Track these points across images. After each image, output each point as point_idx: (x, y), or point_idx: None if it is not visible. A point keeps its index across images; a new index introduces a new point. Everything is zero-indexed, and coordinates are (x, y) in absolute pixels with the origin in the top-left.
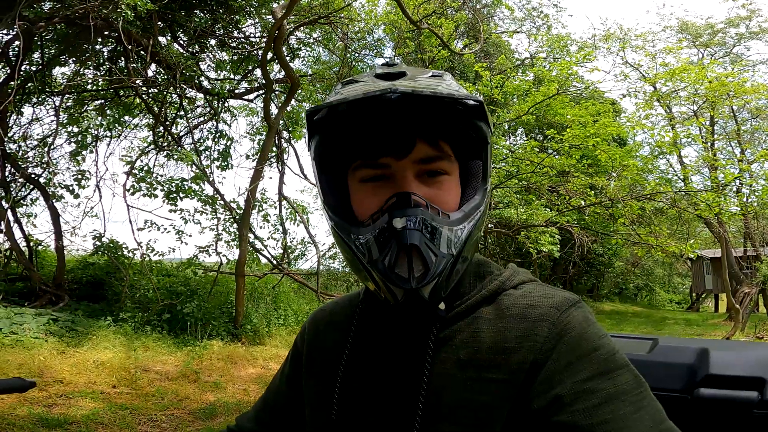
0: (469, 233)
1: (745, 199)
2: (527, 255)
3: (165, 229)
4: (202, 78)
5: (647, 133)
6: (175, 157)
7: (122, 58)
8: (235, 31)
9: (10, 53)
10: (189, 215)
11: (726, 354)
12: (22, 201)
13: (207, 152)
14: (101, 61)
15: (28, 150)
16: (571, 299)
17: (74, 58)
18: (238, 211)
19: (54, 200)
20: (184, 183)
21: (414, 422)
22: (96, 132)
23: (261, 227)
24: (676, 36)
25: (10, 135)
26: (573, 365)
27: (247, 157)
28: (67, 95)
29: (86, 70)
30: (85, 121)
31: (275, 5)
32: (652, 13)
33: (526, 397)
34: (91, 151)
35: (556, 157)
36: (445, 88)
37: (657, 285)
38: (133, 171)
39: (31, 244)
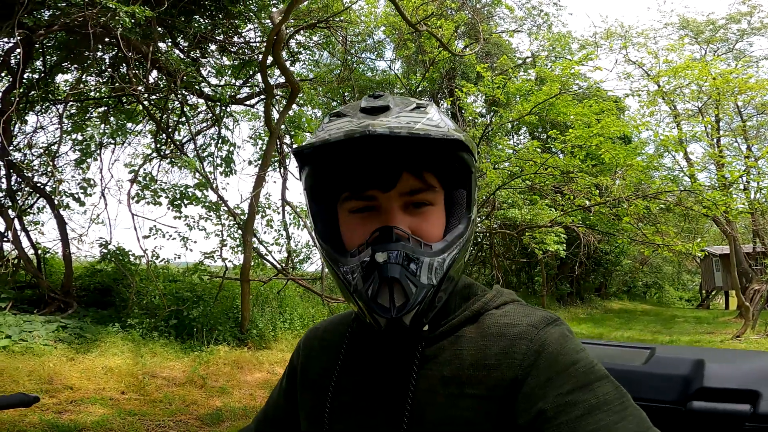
0: (451, 261)
1: (752, 196)
2: (533, 255)
3: (170, 235)
4: (203, 84)
5: (651, 131)
6: (178, 164)
7: (123, 65)
8: (235, 36)
9: (12, 62)
10: (194, 222)
11: (721, 366)
12: (29, 209)
13: (210, 158)
14: (103, 68)
15: (34, 158)
16: (548, 318)
17: (76, 66)
18: (241, 216)
19: (60, 208)
20: (188, 190)
21: None
22: (100, 139)
23: (265, 232)
24: (678, 33)
25: (15, 143)
26: (553, 380)
27: (250, 162)
28: (70, 103)
29: (88, 78)
30: (89, 129)
31: (274, 10)
32: (653, 10)
33: (510, 414)
34: (96, 159)
35: (560, 156)
36: (424, 124)
37: (666, 282)
38: (137, 178)
39: (39, 252)
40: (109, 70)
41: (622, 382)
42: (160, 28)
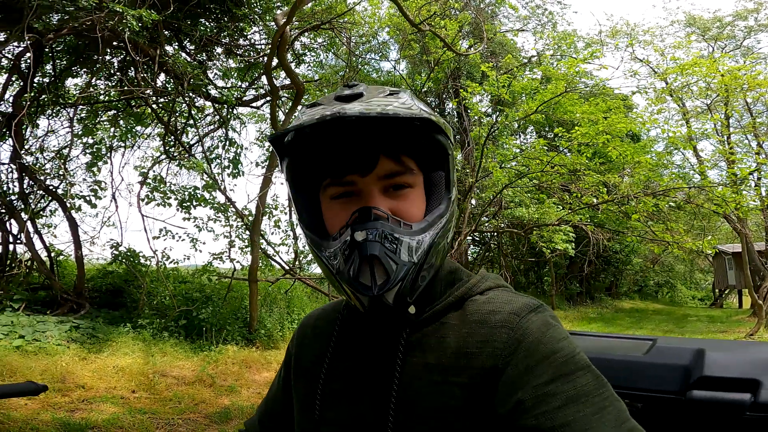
0: (432, 241)
1: (763, 193)
2: (541, 254)
3: (179, 237)
4: (210, 86)
5: (659, 128)
6: (187, 166)
7: (131, 69)
8: (241, 39)
9: (22, 66)
10: (202, 223)
11: (722, 355)
12: (41, 212)
13: (217, 160)
14: (112, 71)
15: (45, 162)
16: (530, 304)
17: (86, 69)
18: (249, 218)
19: (72, 211)
20: (197, 191)
21: (387, 423)
22: (110, 142)
23: (272, 233)
24: (684, 30)
25: (27, 147)
26: (532, 369)
27: (257, 164)
28: (80, 106)
29: (98, 81)
30: (99, 132)
31: (278, 12)
32: (659, 7)
33: (490, 402)
34: (106, 162)
35: (567, 155)
36: (395, 107)
37: (678, 281)
38: (147, 181)
39: (52, 254)
40: (117, 73)
41: (623, 373)
42: (166, 32)
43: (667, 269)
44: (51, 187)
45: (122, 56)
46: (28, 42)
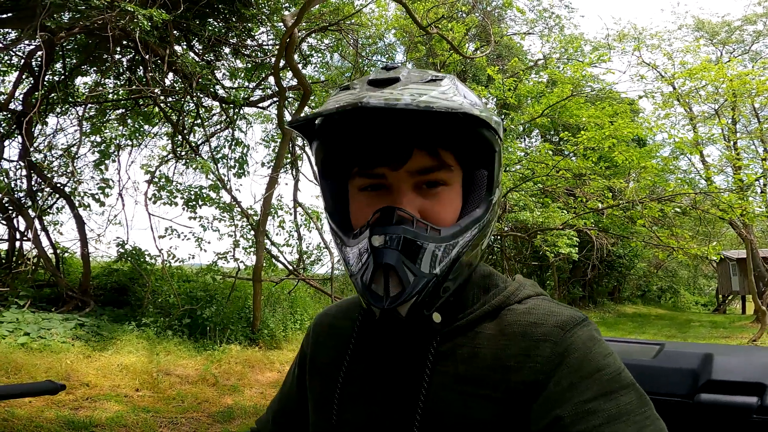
0: (462, 249)
1: None
2: (544, 258)
3: (185, 236)
4: (218, 86)
5: (666, 133)
6: (193, 165)
7: (140, 68)
8: (248, 39)
9: (33, 64)
10: (208, 222)
11: (729, 359)
12: (48, 210)
13: (224, 160)
14: (121, 70)
15: (54, 160)
16: (576, 318)
17: (95, 68)
18: (254, 218)
19: (79, 209)
20: (203, 191)
21: None
22: (118, 141)
23: (277, 234)
24: (693, 34)
25: (35, 145)
26: (575, 386)
27: (263, 164)
28: (89, 105)
29: (107, 80)
30: (108, 131)
31: (286, 13)
32: (667, 11)
33: (525, 418)
34: (114, 161)
35: (573, 159)
36: (432, 96)
37: (681, 287)
38: (154, 179)
39: (58, 251)
40: (126, 72)
41: (632, 376)
42: (175, 32)
43: (671, 274)
44: (59, 185)
45: (131, 55)
46: (40, 40)
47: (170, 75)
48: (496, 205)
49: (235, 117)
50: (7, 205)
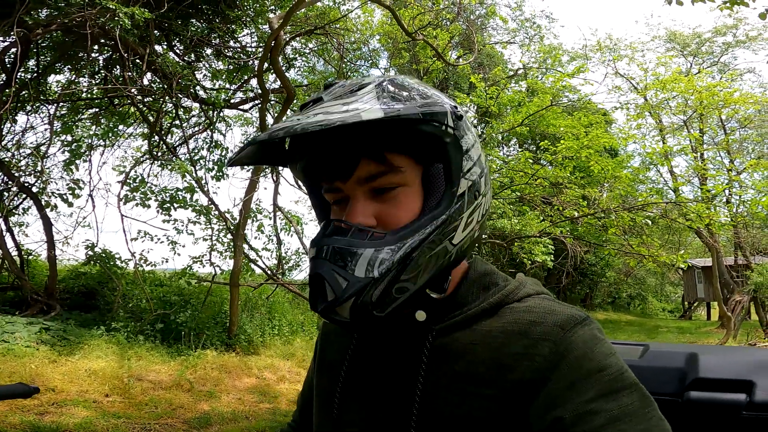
0: (411, 249)
1: (735, 210)
2: (521, 265)
3: (158, 239)
4: (198, 87)
5: (638, 144)
6: (170, 167)
7: (117, 67)
8: (231, 41)
9: (6, 60)
10: (183, 225)
11: (715, 358)
12: (14, 210)
13: (202, 162)
14: (96, 69)
15: (22, 158)
16: (576, 316)
17: (69, 66)
18: (232, 221)
19: (47, 209)
20: (179, 193)
21: (408, 431)
22: (90, 141)
23: (256, 238)
24: (665, 46)
25: (3, 143)
26: (576, 386)
27: (242, 167)
28: (61, 103)
29: (81, 79)
30: (80, 130)
31: (272, 16)
32: (641, 23)
33: (524, 418)
34: (85, 161)
35: (550, 168)
36: (344, 113)
37: (649, 294)
38: (127, 180)
39: (23, 253)
40: (102, 71)
41: None
42: (156, 31)
43: (639, 282)
44: (26, 184)
45: (108, 54)
46: (16, 37)
47: (149, 75)
48: (464, 196)
49: (215, 119)
50: None
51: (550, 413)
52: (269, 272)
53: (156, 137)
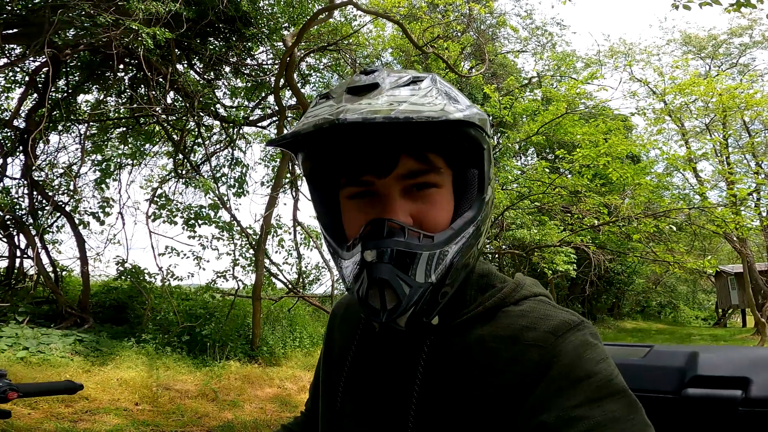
0: (458, 252)
1: (764, 213)
2: (543, 275)
3: (184, 254)
4: (218, 105)
5: (659, 150)
6: (194, 185)
7: (142, 86)
8: (248, 59)
9: (37, 80)
10: (207, 241)
11: (714, 356)
12: (49, 228)
13: (223, 179)
14: (123, 88)
15: (55, 178)
16: (569, 321)
17: (97, 86)
18: (254, 237)
19: (80, 227)
20: (203, 210)
21: (407, 429)
22: (118, 160)
23: (276, 252)
24: (681, 49)
25: (37, 163)
26: (562, 392)
27: (262, 183)
28: (91, 123)
29: (108, 98)
30: (109, 150)
31: (286, 33)
32: (655, 27)
33: (512, 422)
34: (115, 179)
35: (568, 177)
36: (412, 103)
37: (681, 302)
38: (154, 198)
39: (57, 269)
40: (128, 90)
41: (623, 375)
42: (177, 50)
43: (670, 290)
44: (60, 203)
45: (133, 73)
46: (47, 56)
47: (171, 93)
48: (490, 203)
49: (235, 136)
50: (8, 222)
51: (536, 418)
52: (290, 286)
53: (180, 155)
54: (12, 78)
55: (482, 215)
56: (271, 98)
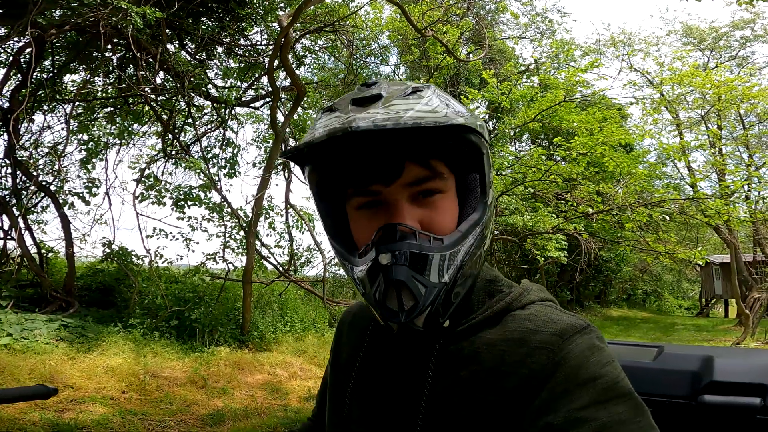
0: (466, 253)
1: (754, 206)
2: (534, 261)
3: (173, 236)
4: (210, 86)
5: (654, 139)
6: (183, 165)
7: (131, 66)
8: (242, 39)
9: (22, 61)
10: (196, 223)
11: (730, 361)
12: (33, 208)
13: (214, 160)
14: (111, 68)
15: (39, 158)
16: (576, 325)
17: (84, 66)
18: (245, 218)
19: (65, 207)
20: (192, 191)
21: None
22: (106, 140)
23: (268, 235)
24: (681, 40)
25: (21, 143)
26: (568, 394)
27: (254, 164)
28: (77, 103)
29: (96, 78)
30: (96, 129)
31: (281, 13)
32: (656, 17)
33: (519, 424)
34: (101, 159)
35: (563, 164)
36: (417, 111)
37: (666, 291)
38: (142, 179)
39: (42, 251)
40: (116, 70)
41: (632, 379)
42: (168, 30)
43: (655, 278)
44: (44, 183)
45: (122, 53)
46: (30, 37)
47: (161, 74)
48: (492, 206)
49: (227, 117)
50: None
51: (542, 419)
52: (281, 269)
53: (170, 135)
54: None
55: (486, 217)
56: (264, 79)
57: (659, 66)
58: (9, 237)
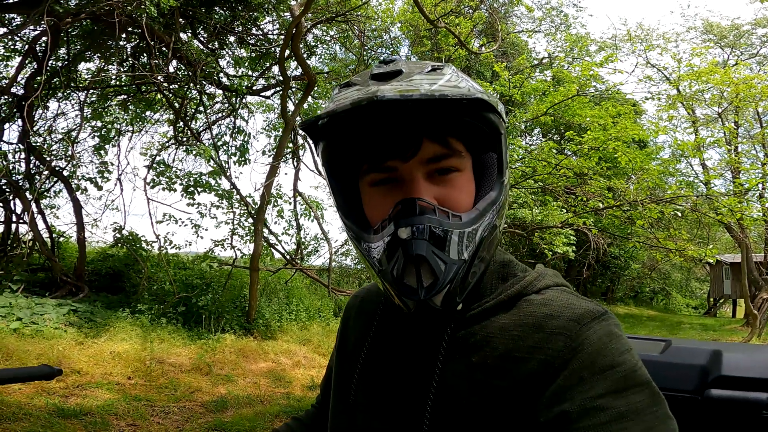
0: (484, 232)
1: (767, 205)
2: (542, 256)
3: (182, 222)
4: (221, 74)
5: (668, 136)
6: (194, 152)
7: (144, 54)
8: (254, 28)
9: (37, 49)
10: (206, 209)
11: (738, 356)
12: (45, 193)
13: (225, 147)
14: (125, 57)
15: (53, 143)
16: (594, 311)
17: (98, 54)
18: (253, 206)
19: (77, 192)
20: (202, 177)
21: (423, 420)
22: (118, 126)
23: (276, 222)
24: (701, 37)
25: (35, 128)
26: (585, 381)
27: (264, 152)
28: (91, 90)
29: (110, 66)
30: (109, 116)
31: (293, 2)
32: (676, 13)
33: (532, 411)
34: (114, 146)
35: (574, 158)
36: (441, 85)
37: (674, 289)
38: (153, 165)
39: (54, 235)
40: (130, 59)
41: None
42: (181, 19)
43: (664, 277)
44: (57, 168)
45: (136, 42)
46: (46, 25)
47: (174, 62)
48: (508, 187)
49: (238, 105)
50: (4, 187)
51: (558, 406)
52: (288, 257)
53: (181, 123)
54: (11, 47)
55: (502, 197)
56: (275, 68)
57: (677, 62)
58: (22, 221)
